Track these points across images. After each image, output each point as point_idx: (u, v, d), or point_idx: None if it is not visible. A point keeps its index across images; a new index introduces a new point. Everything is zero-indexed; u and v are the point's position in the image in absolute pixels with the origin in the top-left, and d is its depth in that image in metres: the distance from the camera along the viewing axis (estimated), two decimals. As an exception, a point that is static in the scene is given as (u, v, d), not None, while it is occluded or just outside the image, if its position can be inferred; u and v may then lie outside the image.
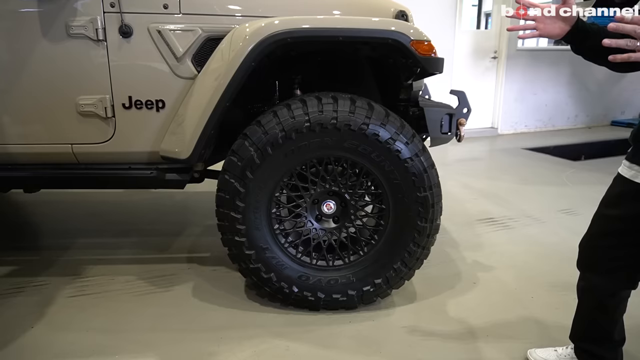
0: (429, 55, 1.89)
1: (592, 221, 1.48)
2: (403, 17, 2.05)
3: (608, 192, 1.42)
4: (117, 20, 1.91)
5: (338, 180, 1.99)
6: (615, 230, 1.38)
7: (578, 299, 1.59)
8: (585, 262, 1.52)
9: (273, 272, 2.00)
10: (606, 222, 1.42)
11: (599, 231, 1.45)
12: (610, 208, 1.40)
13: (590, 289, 1.52)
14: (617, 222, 1.37)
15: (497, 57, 6.64)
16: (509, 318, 2.08)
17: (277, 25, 1.82)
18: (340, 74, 2.43)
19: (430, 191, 1.91)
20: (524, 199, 3.83)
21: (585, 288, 1.55)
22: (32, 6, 1.90)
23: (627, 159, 1.35)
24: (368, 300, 2.09)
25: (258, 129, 1.86)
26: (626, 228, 1.35)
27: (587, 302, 1.56)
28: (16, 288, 2.28)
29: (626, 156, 1.35)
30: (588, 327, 1.58)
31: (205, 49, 1.97)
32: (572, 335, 1.65)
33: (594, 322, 1.55)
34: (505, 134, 6.92)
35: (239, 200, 1.90)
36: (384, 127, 1.85)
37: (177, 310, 2.10)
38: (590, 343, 1.58)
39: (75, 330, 1.95)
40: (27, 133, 2.03)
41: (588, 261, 1.51)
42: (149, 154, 2.08)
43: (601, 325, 1.53)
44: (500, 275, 2.48)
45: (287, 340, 1.89)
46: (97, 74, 1.96)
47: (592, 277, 1.50)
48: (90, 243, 2.89)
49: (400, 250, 1.99)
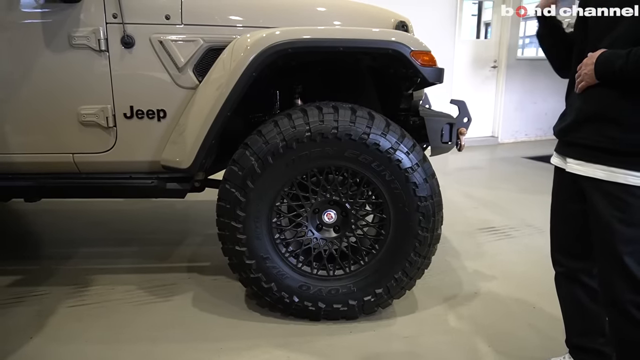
0: (430, 66, 1.91)
1: (550, 207, 1.62)
2: (403, 27, 2.07)
3: (553, 181, 1.60)
4: (119, 31, 1.93)
5: (339, 190, 1.99)
6: (565, 213, 1.55)
7: (557, 289, 1.67)
8: (553, 247, 1.63)
9: (274, 282, 2.00)
10: (556, 207, 1.60)
11: (555, 215, 1.61)
12: (556, 195, 1.60)
13: (565, 274, 1.60)
14: (563, 206, 1.56)
15: (497, 66, 6.67)
16: (511, 328, 2.07)
17: (278, 36, 1.83)
18: (341, 84, 2.44)
19: (431, 201, 1.91)
20: (524, 208, 3.82)
21: (561, 274, 1.62)
22: (35, 17, 1.92)
23: (556, 151, 1.54)
24: (369, 310, 2.08)
25: (259, 138, 1.87)
26: (574, 210, 1.50)
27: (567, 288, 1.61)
28: (16, 298, 2.27)
29: (555, 148, 1.55)
30: (577, 317, 1.62)
31: (206, 59, 1.98)
32: (566, 337, 1.69)
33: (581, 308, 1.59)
34: (505, 142, 6.93)
35: (239, 210, 1.90)
36: (384, 137, 1.85)
37: (177, 321, 2.09)
38: (583, 337, 1.61)
39: (75, 341, 1.93)
40: (28, 142, 2.04)
41: (555, 245, 1.63)
42: (150, 163, 2.09)
43: (588, 313, 1.57)
44: (502, 285, 2.47)
45: (287, 351, 1.88)
46: (99, 84, 1.97)
47: (564, 260, 1.59)
48: (91, 252, 2.89)
49: (401, 260, 1.99)
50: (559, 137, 1.51)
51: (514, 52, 6.60)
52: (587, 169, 1.37)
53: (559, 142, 1.53)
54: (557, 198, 1.59)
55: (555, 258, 1.64)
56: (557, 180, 1.58)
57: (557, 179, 1.57)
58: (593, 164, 1.35)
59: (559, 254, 1.61)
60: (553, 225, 1.62)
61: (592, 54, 1.31)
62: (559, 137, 1.51)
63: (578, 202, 1.47)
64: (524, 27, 8.42)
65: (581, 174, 1.39)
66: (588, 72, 1.31)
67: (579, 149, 1.39)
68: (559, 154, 1.52)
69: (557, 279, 1.66)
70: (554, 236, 1.62)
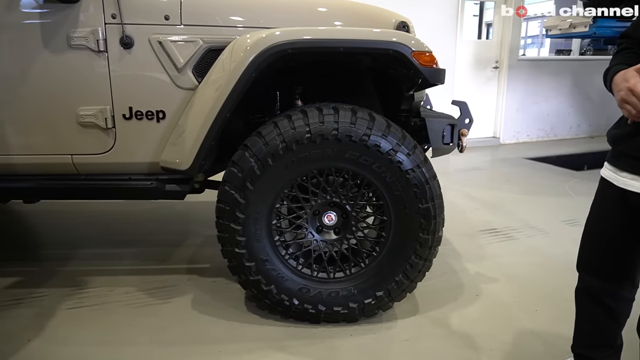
0: (431, 66, 1.89)
1: (586, 221, 1.50)
2: (404, 28, 2.05)
3: (595, 193, 1.45)
4: (118, 31, 1.92)
5: (339, 192, 1.97)
6: (603, 232, 1.41)
7: (576, 303, 1.57)
8: (581, 264, 1.53)
9: (273, 284, 1.98)
10: (594, 223, 1.45)
11: (590, 232, 1.47)
12: (596, 211, 1.44)
13: (588, 291, 1.51)
14: (603, 224, 1.41)
15: (499, 67, 6.65)
16: (513, 331, 2.05)
17: (278, 36, 1.82)
18: (341, 85, 2.42)
19: (432, 202, 1.90)
20: (526, 209, 3.80)
21: (583, 290, 1.54)
22: (33, 18, 1.91)
23: (607, 161, 1.37)
24: (369, 312, 2.07)
25: (259, 139, 1.86)
26: (613, 230, 1.37)
27: (589, 307, 1.53)
28: (15, 299, 2.26)
29: (607, 158, 1.38)
30: (591, 333, 1.55)
31: (206, 59, 1.97)
32: (573, 344, 1.62)
33: (598, 327, 1.52)
34: (507, 143, 6.91)
35: (239, 212, 1.88)
36: (385, 138, 1.84)
37: (176, 323, 2.08)
38: (592, 350, 1.55)
39: (73, 343, 1.92)
40: (27, 144, 2.03)
41: (583, 262, 1.51)
42: (149, 164, 2.08)
43: (605, 330, 1.51)
44: (504, 287, 2.45)
45: (287, 354, 1.87)
46: (97, 85, 1.96)
47: (589, 278, 1.49)
48: (90, 253, 2.88)
49: (402, 262, 1.97)
50: (614, 144, 1.34)
51: (515, 53, 6.58)
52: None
53: (612, 151, 1.36)
54: (599, 214, 1.43)
55: (580, 274, 1.53)
56: (602, 194, 1.41)
57: (603, 193, 1.40)
58: None
59: (586, 272, 1.50)
60: (587, 241, 1.49)
61: None
62: (613, 145, 1.35)
63: (622, 223, 1.34)
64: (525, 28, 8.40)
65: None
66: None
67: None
68: (613, 165, 1.34)
69: (578, 294, 1.56)
70: (585, 253, 1.50)
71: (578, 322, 1.59)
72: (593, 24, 5.30)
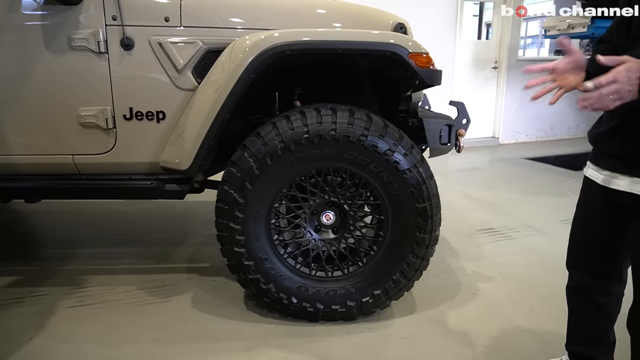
0: (428, 68, 1.91)
1: (572, 220, 1.51)
2: (402, 29, 2.07)
3: (580, 193, 1.47)
4: (118, 33, 1.94)
5: (337, 191, 1.99)
6: (589, 230, 1.43)
7: (568, 301, 1.60)
8: (570, 262, 1.55)
9: (272, 283, 2.00)
10: (580, 222, 1.48)
11: (577, 230, 1.50)
12: (581, 210, 1.46)
13: (579, 288, 1.54)
14: (589, 223, 1.43)
15: (498, 67, 6.66)
16: (509, 330, 2.07)
17: (276, 38, 1.83)
18: (339, 86, 2.44)
19: (429, 202, 1.92)
20: (524, 209, 3.82)
21: (574, 288, 1.56)
22: (35, 19, 1.92)
23: (590, 160, 1.39)
24: (367, 311, 2.09)
25: (257, 140, 1.88)
26: (599, 228, 1.39)
27: (580, 304, 1.56)
28: (16, 298, 2.28)
29: (589, 157, 1.40)
30: (584, 329, 1.57)
31: (205, 61, 1.99)
32: (567, 342, 1.65)
33: (590, 323, 1.54)
34: (506, 143, 6.92)
35: (238, 211, 1.90)
36: (382, 139, 1.86)
37: (176, 321, 2.10)
38: (586, 347, 1.57)
39: (74, 341, 1.94)
40: (28, 144, 2.05)
41: (572, 261, 1.54)
42: (149, 164, 2.10)
43: (597, 327, 1.54)
44: (501, 287, 2.47)
45: (285, 352, 1.89)
46: (98, 86, 1.98)
47: (579, 276, 1.52)
48: (91, 253, 2.90)
49: (399, 262, 1.99)
50: (595, 144, 1.34)
51: (514, 53, 6.59)
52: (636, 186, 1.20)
53: (594, 151, 1.36)
54: (584, 213, 1.45)
55: (570, 272, 1.56)
56: (586, 193, 1.43)
57: (587, 192, 1.41)
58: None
59: (575, 270, 1.53)
60: (574, 240, 1.51)
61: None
62: (594, 145, 1.35)
63: (607, 221, 1.35)
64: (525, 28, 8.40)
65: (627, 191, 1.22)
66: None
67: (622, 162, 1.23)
68: (595, 164, 1.35)
69: (569, 292, 1.59)
70: (573, 251, 1.53)
71: (570, 320, 1.62)
72: (591, 24, 5.31)
